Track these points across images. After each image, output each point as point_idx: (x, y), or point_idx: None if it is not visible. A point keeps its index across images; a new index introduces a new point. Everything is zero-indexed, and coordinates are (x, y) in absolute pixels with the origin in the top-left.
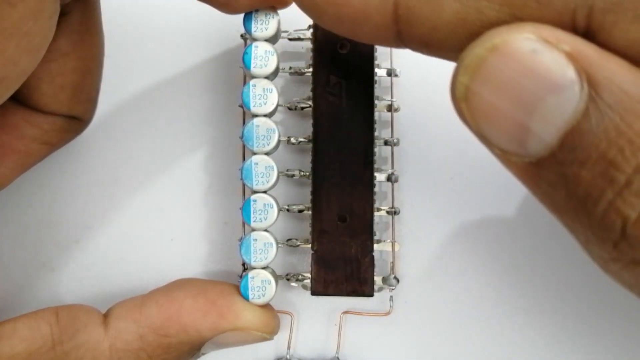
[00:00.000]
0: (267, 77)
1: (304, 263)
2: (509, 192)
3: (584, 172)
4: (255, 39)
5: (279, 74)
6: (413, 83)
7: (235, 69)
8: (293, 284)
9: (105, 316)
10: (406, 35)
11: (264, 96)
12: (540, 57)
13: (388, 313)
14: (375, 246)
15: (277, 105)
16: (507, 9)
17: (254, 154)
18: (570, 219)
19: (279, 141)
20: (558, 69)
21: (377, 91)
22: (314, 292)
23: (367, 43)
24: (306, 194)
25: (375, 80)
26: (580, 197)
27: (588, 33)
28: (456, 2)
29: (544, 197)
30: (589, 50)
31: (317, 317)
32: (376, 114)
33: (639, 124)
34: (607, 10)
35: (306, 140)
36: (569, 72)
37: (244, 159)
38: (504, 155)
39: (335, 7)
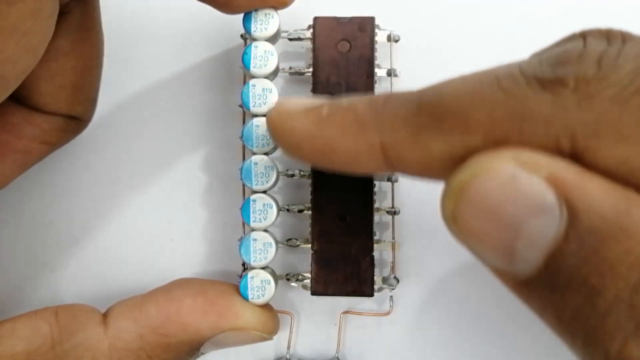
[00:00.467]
0: (266, 77)
1: (304, 263)
2: None
3: (568, 296)
4: (254, 39)
5: (279, 74)
6: (413, 83)
7: (235, 69)
8: (293, 284)
9: (105, 316)
10: (399, 171)
11: (264, 96)
12: (520, 181)
13: (388, 313)
14: (375, 246)
15: None
16: (491, 139)
17: (254, 154)
18: (562, 337)
19: None
20: (538, 193)
21: (377, 91)
22: (314, 292)
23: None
24: (306, 194)
25: (375, 80)
26: (567, 319)
27: (574, 154)
28: (441, 143)
29: (537, 313)
30: (568, 174)
31: (317, 317)
32: None
33: (618, 249)
34: (588, 135)
35: None
36: (549, 197)
37: (243, 159)
38: (496, 272)
39: (324, 156)
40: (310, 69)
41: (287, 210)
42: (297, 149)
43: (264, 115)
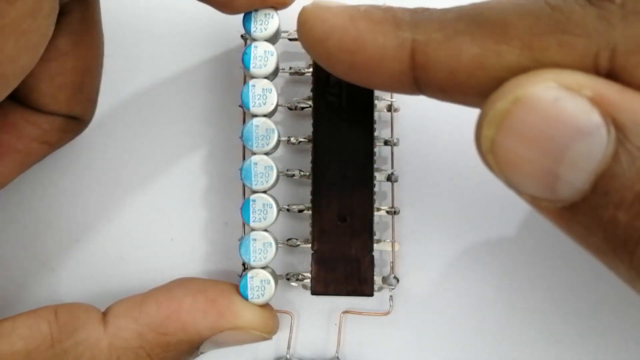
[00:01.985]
0: (266, 77)
1: (304, 263)
2: (509, 192)
3: (620, 215)
4: (254, 39)
5: (279, 74)
6: None
7: (235, 69)
8: (293, 284)
9: (105, 314)
10: (423, 81)
11: (264, 96)
12: (564, 104)
13: (388, 313)
14: (375, 246)
15: (277, 105)
16: (527, 53)
17: (254, 154)
18: (610, 260)
19: (278, 141)
20: (583, 115)
21: (377, 91)
22: (314, 292)
23: (380, 90)
24: (306, 194)
25: None
26: (620, 239)
27: (611, 74)
28: (475, 46)
29: (580, 239)
30: (613, 93)
31: (317, 316)
32: (376, 114)
33: None
34: (630, 51)
35: (306, 140)
36: (594, 117)
37: (243, 159)
38: (534, 201)
39: (349, 54)
40: (310, 69)
41: (287, 210)
42: (323, 41)
43: (264, 115)
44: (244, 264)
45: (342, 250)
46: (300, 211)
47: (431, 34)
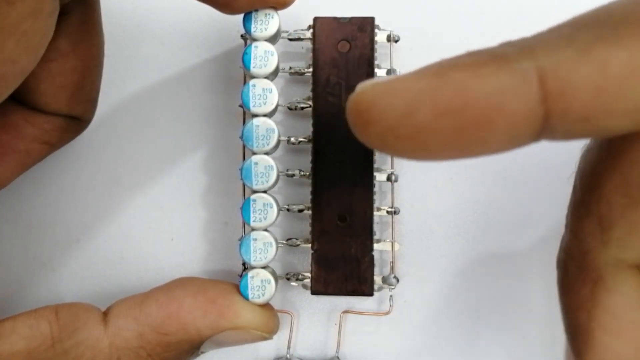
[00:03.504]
0: (267, 77)
1: (304, 262)
2: (509, 191)
3: None
4: (255, 39)
5: (279, 74)
6: None
7: (235, 69)
8: (293, 284)
9: (105, 314)
10: (559, 116)
11: (264, 96)
12: None
13: (388, 312)
14: (375, 246)
15: (277, 105)
16: None
17: (254, 153)
18: None
19: (278, 141)
20: None
21: None
22: (314, 292)
23: (491, 152)
24: (306, 194)
25: None
26: None
27: None
28: (623, 51)
29: None
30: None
31: (317, 316)
32: None
33: None
34: None
35: (306, 140)
36: None
37: (244, 158)
38: None
39: (452, 118)
40: (310, 69)
41: (287, 210)
42: (408, 117)
43: (264, 115)
44: (244, 264)
45: (342, 250)
46: (300, 211)
47: (559, 52)
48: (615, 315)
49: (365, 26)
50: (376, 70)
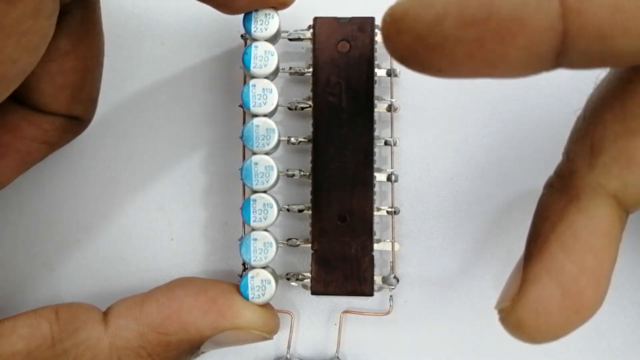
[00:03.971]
0: (267, 77)
1: (304, 263)
2: (509, 191)
3: None
4: (255, 39)
5: (279, 74)
6: (413, 83)
7: (235, 69)
8: (293, 284)
9: (105, 314)
10: (576, 33)
11: (264, 96)
12: None
13: (388, 312)
14: (375, 246)
15: (277, 105)
16: None
17: (254, 153)
18: None
19: (278, 141)
20: None
21: (377, 91)
22: (314, 292)
23: (508, 73)
24: (306, 194)
25: (375, 80)
26: None
27: None
28: None
29: None
30: None
31: (317, 316)
32: (376, 114)
33: None
34: None
35: (306, 140)
36: None
37: (244, 158)
38: None
39: (477, 28)
40: (310, 69)
41: (287, 210)
42: (437, 25)
43: (265, 115)
44: (244, 264)
45: (342, 250)
46: (300, 211)
47: None
48: (576, 235)
49: (365, 26)
50: (376, 70)
